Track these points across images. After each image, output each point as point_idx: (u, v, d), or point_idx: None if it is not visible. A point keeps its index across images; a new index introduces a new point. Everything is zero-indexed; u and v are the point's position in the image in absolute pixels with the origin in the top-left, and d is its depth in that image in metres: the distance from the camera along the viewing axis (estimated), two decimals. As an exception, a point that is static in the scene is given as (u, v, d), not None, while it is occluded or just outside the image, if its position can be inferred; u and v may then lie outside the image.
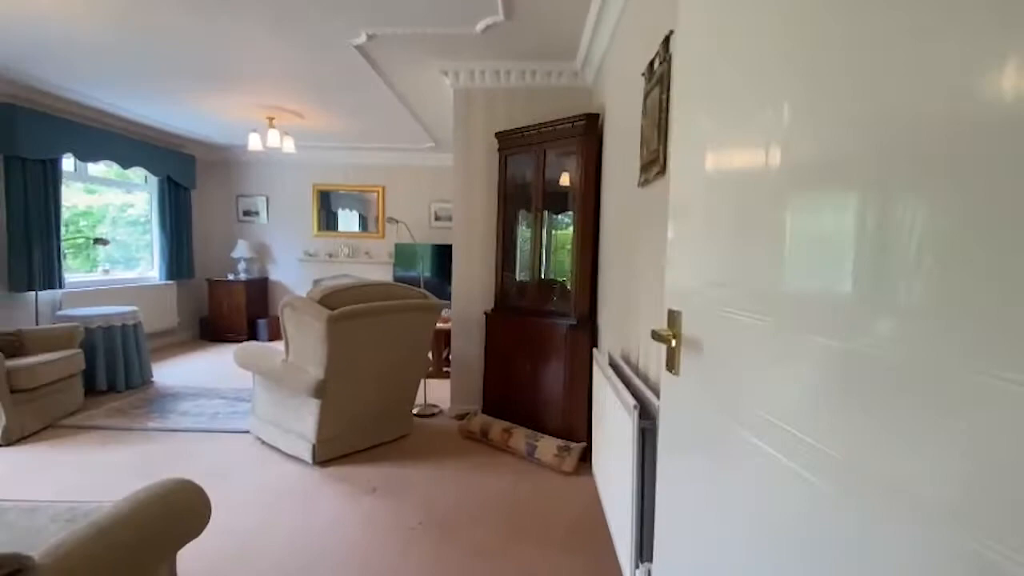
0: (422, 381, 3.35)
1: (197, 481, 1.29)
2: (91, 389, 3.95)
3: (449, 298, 3.71)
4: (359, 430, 2.91)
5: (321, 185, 6.63)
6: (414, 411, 3.42)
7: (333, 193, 6.67)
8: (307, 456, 2.74)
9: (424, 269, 6.19)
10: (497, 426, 3.00)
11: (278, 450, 2.91)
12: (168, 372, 4.74)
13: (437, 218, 6.59)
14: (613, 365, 1.90)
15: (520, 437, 2.86)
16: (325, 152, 6.40)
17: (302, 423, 2.75)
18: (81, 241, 4.91)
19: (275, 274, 6.75)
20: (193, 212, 6.18)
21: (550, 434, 2.85)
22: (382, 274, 6.56)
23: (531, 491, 2.50)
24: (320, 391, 2.60)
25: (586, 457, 2.73)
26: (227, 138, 5.82)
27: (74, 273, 5.00)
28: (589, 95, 3.26)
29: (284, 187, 6.64)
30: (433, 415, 3.59)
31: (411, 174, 6.55)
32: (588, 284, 2.84)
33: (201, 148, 6.22)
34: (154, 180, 5.67)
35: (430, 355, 3.52)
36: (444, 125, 4.90)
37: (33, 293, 4.17)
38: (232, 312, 6.27)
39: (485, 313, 3.33)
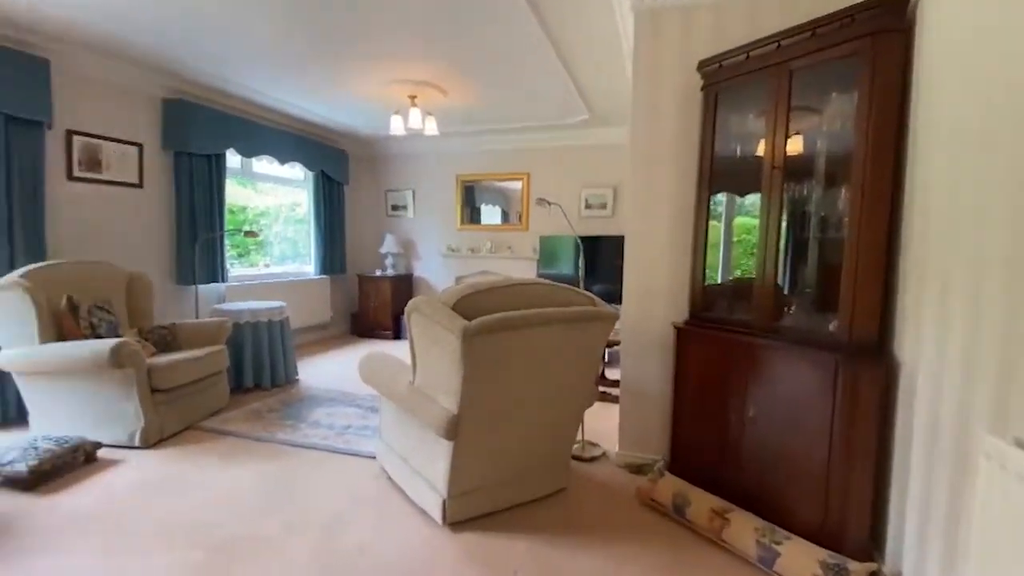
0: (583, 414, 2.48)
1: (300, 536, 0.64)
2: (239, 386, 3.86)
3: (607, 301, 2.78)
4: (503, 482, 2.14)
5: (465, 175, 6.20)
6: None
7: (476, 187, 6.22)
8: (436, 513, 2.04)
9: (574, 266, 5.36)
10: (701, 501, 1.99)
11: (403, 493, 2.28)
12: (315, 369, 4.58)
13: (588, 206, 5.70)
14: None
15: (745, 530, 1.81)
16: (468, 139, 5.95)
17: (431, 466, 2.06)
18: (238, 236, 5.00)
19: (419, 270, 6.50)
20: (346, 207, 6.17)
21: (800, 532, 1.76)
22: (525, 270, 5.90)
23: (784, 644, 1.47)
24: (452, 431, 1.87)
25: (872, 584, 1.60)
26: (372, 127, 5.61)
27: (242, 267, 5.18)
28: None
29: (429, 179, 6.37)
30: (594, 459, 2.70)
31: (559, 157, 5.76)
32: (878, 289, 1.68)
33: (352, 142, 6.17)
34: (310, 175, 5.70)
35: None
36: (606, 84, 3.98)
37: (196, 286, 4.24)
38: (379, 308, 6.15)
39: (675, 327, 2.33)
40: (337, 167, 5.89)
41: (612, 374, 3.88)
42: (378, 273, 6.19)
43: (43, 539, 1.91)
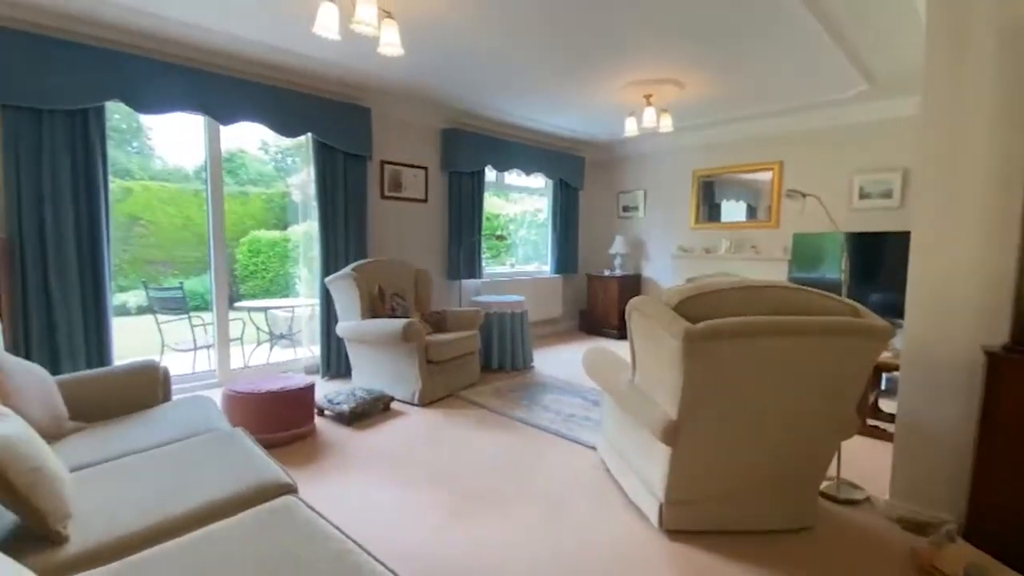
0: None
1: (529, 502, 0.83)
2: (487, 366, 4.50)
3: (885, 314, 2.26)
4: (730, 502, 1.98)
5: (701, 171, 5.83)
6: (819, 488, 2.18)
7: (716, 182, 5.76)
8: (652, 514, 2.03)
9: (838, 269, 4.47)
10: (1017, 587, 1.47)
11: (620, 488, 2.34)
12: (547, 359, 5.00)
13: (863, 195, 4.69)
14: None
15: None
16: (705, 131, 5.57)
17: (649, 467, 2.06)
18: (491, 240, 5.79)
19: (647, 270, 6.41)
20: (580, 210, 6.52)
21: None
22: (772, 273, 5.21)
23: None
24: (671, 436, 1.83)
25: None
26: (608, 133, 5.78)
27: (494, 266, 6.03)
28: None
29: (662, 178, 6.21)
30: (853, 503, 2.24)
31: (821, 139, 4.91)
32: None
33: (588, 148, 6.46)
34: (550, 184, 6.22)
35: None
36: (893, 42, 3.23)
37: (460, 281, 5.11)
38: (606, 307, 6.31)
39: (987, 353, 1.76)
40: (574, 174, 6.27)
41: (888, 406, 3.15)
42: (606, 273, 6.34)
43: (354, 462, 2.62)
